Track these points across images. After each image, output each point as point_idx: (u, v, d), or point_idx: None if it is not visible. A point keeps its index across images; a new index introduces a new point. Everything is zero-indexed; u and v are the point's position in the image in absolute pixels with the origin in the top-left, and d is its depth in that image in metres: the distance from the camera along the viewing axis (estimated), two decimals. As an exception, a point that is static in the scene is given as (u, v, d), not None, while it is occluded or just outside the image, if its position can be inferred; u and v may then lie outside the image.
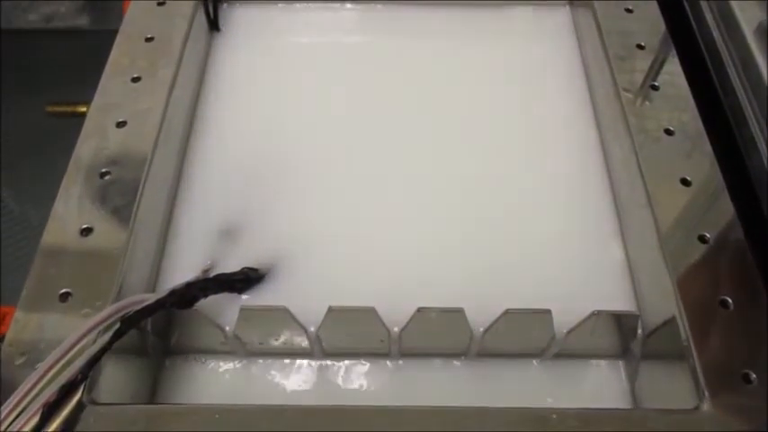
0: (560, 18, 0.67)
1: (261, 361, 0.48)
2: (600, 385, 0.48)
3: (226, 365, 0.48)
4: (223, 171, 0.55)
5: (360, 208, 0.53)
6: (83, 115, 0.53)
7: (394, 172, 0.55)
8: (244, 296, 0.48)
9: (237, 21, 0.66)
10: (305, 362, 0.48)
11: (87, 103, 0.53)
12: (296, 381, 0.47)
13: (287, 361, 0.48)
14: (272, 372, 0.48)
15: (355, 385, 0.47)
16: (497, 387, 0.47)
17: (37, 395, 0.36)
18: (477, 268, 0.50)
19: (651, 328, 0.46)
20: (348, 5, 0.67)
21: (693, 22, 0.62)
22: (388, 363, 0.48)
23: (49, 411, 0.37)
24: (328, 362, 0.48)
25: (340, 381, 0.48)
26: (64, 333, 0.38)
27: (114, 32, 0.58)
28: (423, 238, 0.51)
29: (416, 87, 0.61)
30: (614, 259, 0.51)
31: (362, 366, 0.48)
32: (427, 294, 0.45)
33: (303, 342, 0.46)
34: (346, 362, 0.48)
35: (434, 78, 0.62)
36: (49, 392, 0.36)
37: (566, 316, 0.45)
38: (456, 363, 0.48)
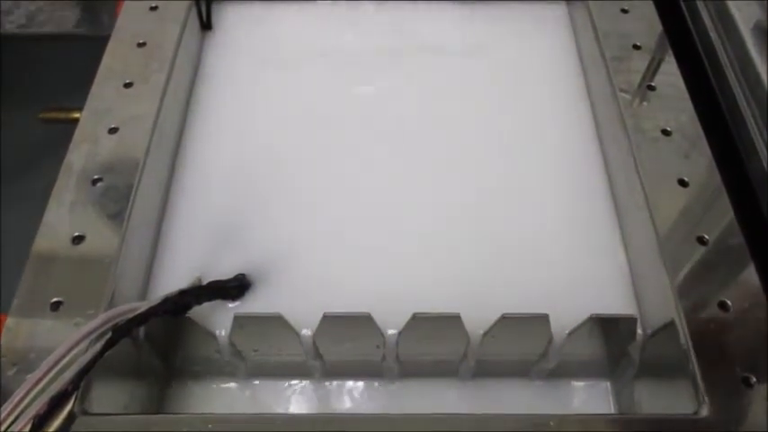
0: (558, 18, 0.66)
1: (257, 382, 0.48)
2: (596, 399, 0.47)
3: (223, 386, 0.48)
4: (216, 176, 0.54)
5: (354, 211, 0.52)
6: (76, 122, 0.52)
7: (389, 174, 0.55)
8: (230, 305, 0.47)
9: (229, 19, 0.65)
10: (305, 383, 0.48)
11: (81, 109, 0.53)
12: (295, 403, 0.47)
13: (286, 383, 0.48)
14: (271, 392, 0.47)
15: (352, 405, 0.47)
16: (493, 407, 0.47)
17: (27, 406, 0.36)
18: (475, 272, 0.49)
19: (650, 331, 0.45)
20: (342, 3, 0.67)
21: (690, 22, 0.61)
22: (385, 384, 0.48)
23: (40, 423, 0.36)
24: (334, 383, 0.48)
25: (340, 402, 0.47)
26: (55, 342, 0.38)
27: (108, 38, 0.58)
28: (418, 243, 0.51)
29: (412, 86, 0.61)
30: (613, 262, 0.50)
31: (359, 387, 0.48)
32: (423, 300, 0.45)
33: (298, 350, 0.46)
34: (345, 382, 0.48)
35: (430, 78, 0.62)
36: (40, 403, 0.36)
37: (564, 320, 0.44)
38: (451, 385, 0.48)
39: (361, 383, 0.48)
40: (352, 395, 0.48)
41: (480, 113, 0.59)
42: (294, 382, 0.48)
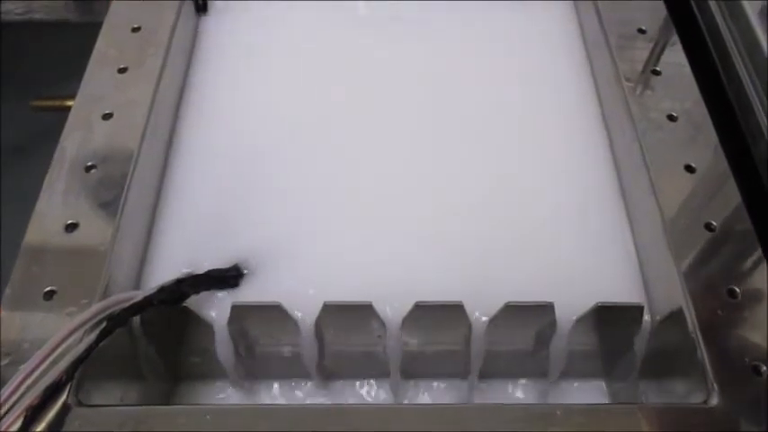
0: (562, 3, 0.65)
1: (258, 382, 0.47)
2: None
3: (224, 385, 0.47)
4: (211, 163, 0.53)
5: (356, 199, 0.51)
6: (69, 110, 0.51)
7: (392, 160, 0.53)
8: (220, 294, 0.45)
9: (225, 3, 0.63)
10: (306, 383, 0.47)
11: (74, 97, 0.52)
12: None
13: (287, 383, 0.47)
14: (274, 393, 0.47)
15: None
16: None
17: (20, 398, 0.35)
18: (479, 260, 0.48)
19: (658, 319, 0.44)
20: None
21: (695, 6, 0.60)
22: (387, 385, 0.47)
23: (33, 414, 0.35)
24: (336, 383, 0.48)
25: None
26: (48, 332, 0.37)
27: (101, 24, 0.56)
28: (421, 232, 0.50)
29: (413, 73, 0.59)
30: (620, 250, 0.49)
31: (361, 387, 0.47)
32: (426, 289, 0.44)
33: (298, 339, 0.45)
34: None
35: (433, 65, 0.60)
36: (33, 395, 0.35)
37: (569, 309, 0.44)
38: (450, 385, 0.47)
39: (361, 384, 0.48)
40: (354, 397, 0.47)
41: (484, 101, 0.58)
42: (294, 382, 0.48)
